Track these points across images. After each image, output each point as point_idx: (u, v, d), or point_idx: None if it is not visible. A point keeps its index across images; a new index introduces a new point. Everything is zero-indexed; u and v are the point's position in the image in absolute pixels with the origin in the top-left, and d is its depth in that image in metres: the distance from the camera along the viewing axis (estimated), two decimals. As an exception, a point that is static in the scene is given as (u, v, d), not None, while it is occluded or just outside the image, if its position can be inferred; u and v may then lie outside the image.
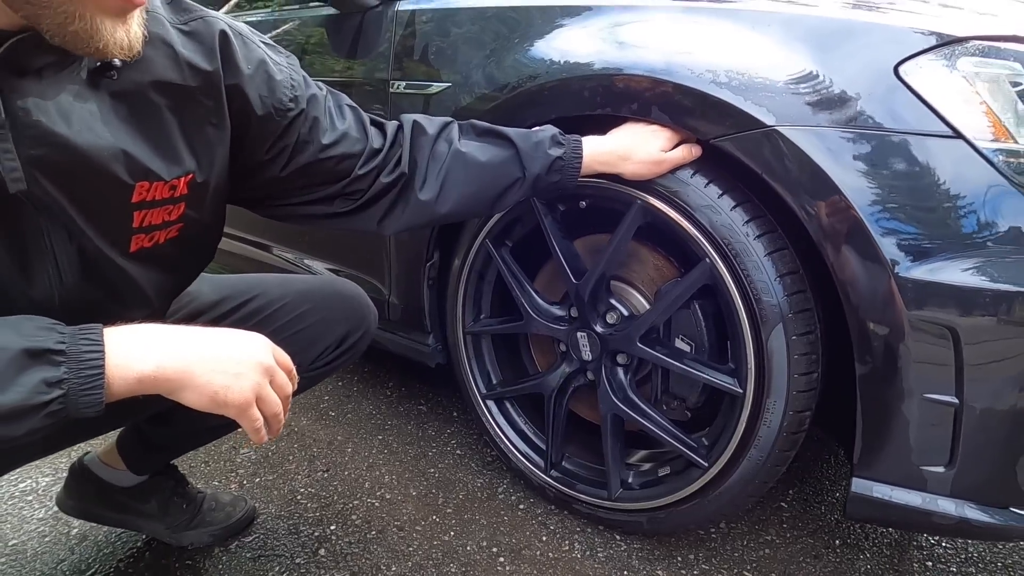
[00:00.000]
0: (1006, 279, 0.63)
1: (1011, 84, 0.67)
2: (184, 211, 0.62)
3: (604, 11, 0.86)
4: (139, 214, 0.58)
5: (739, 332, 0.77)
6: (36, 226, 0.51)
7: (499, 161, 0.77)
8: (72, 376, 0.44)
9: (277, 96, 0.65)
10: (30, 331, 0.44)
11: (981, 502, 0.69)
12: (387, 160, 0.75)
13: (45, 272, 0.54)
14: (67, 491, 0.92)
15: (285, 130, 0.66)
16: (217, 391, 0.50)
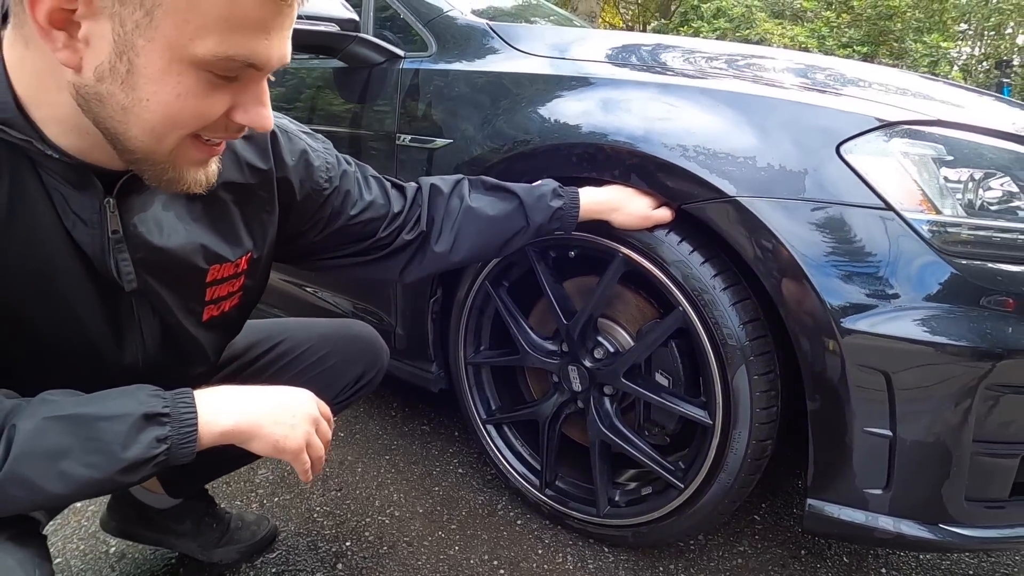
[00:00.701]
0: (929, 332, 0.74)
1: (936, 163, 0.79)
2: (244, 282, 0.74)
3: (591, 85, 0.97)
4: (211, 290, 0.70)
5: (708, 371, 0.88)
6: (130, 307, 0.63)
7: (506, 214, 0.88)
8: (174, 433, 0.54)
9: (315, 179, 0.76)
10: (144, 398, 0.55)
11: (914, 519, 0.80)
12: (407, 220, 0.86)
13: (134, 342, 0.65)
14: (110, 513, 1.02)
15: (321, 206, 0.78)
16: (278, 440, 0.61)
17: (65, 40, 0.45)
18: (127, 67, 0.46)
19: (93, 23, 0.45)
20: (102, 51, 0.46)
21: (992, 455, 0.77)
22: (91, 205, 0.56)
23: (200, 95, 0.49)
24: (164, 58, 0.46)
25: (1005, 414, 0.76)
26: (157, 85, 0.47)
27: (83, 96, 0.48)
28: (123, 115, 0.48)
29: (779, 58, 0.99)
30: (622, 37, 1.14)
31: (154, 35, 0.45)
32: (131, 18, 0.45)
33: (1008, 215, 0.79)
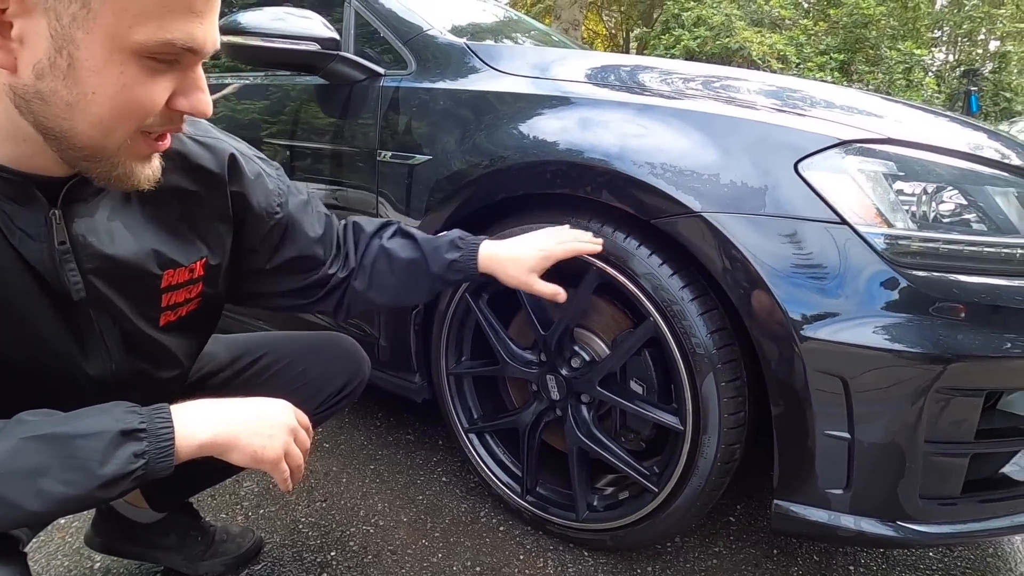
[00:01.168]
0: (883, 339, 0.79)
1: (887, 179, 0.83)
2: (202, 289, 0.76)
3: (567, 104, 1.01)
4: (166, 296, 0.71)
5: (679, 378, 0.92)
6: (88, 318, 0.64)
7: (410, 260, 0.90)
8: (151, 448, 0.56)
9: (269, 202, 0.78)
10: (120, 415, 0.56)
11: (874, 517, 0.84)
12: (338, 257, 0.89)
13: (99, 353, 0.66)
14: (94, 529, 1.03)
15: (271, 229, 0.80)
16: (256, 451, 0.62)
17: (1, 43, 0.45)
18: (68, 61, 0.46)
19: (26, 21, 0.45)
20: (39, 48, 0.45)
21: (944, 455, 0.82)
22: (36, 219, 0.56)
23: (144, 83, 0.49)
24: (105, 48, 0.46)
25: (955, 415, 0.81)
26: (101, 77, 0.47)
27: (22, 97, 0.48)
28: (68, 112, 0.48)
29: (752, 80, 1.04)
30: (599, 58, 1.18)
31: (93, 26, 0.45)
32: (67, 12, 0.45)
33: (960, 227, 0.84)
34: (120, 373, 0.69)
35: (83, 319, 0.64)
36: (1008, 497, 0.87)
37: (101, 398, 0.59)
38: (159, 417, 0.58)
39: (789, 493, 0.88)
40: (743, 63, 8.82)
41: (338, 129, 1.30)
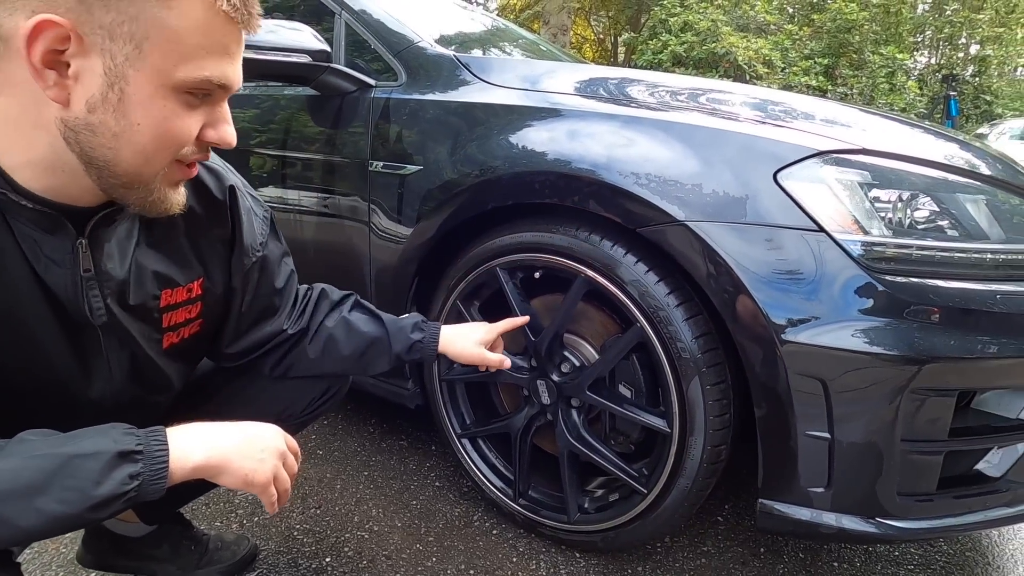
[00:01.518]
0: (860, 341, 0.82)
1: (863, 188, 0.87)
2: (201, 309, 0.78)
3: (556, 116, 1.04)
4: (167, 316, 0.73)
5: (665, 382, 0.94)
6: (97, 342, 0.66)
7: (372, 336, 0.93)
8: (146, 470, 0.57)
9: (255, 237, 0.81)
10: (118, 436, 0.58)
11: (854, 514, 0.87)
12: (293, 313, 0.90)
13: (101, 377, 0.68)
14: (85, 547, 1.03)
15: (251, 267, 0.81)
16: (247, 474, 0.64)
17: (55, 78, 0.50)
18: (118, 96, 0.51)
19: (83, 60, 0.50)
20: (93, 84, 0.50)
21: (920, 452, 0.85)
22: (63, 247, 0.59)
23: (182, 116, 0.55)
24: (152, 84, 0.52)
25: (930, 414, 0.84)
26: (146, 109, 0.53)
27: (72, 129, 0.52)
28: (115, 141, 0.53)
29: (735, 92, 1.07)
30: (587, 71, 1.20)
31: (142, 65, 0.51)
32: (121, 52, 0.50)
33: (933, 234, 0.88)
34: (120, 395, 0.71)
35: (91, 344, 0.66)
36: (981, 493, 0.91)
37: (97, 419, 0.60)
38: (155, 440, 0.59)
39: (773, 492, 0.91)
40: (729, 68, 8.94)
41: (329, 139, 1.31)
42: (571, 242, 1.00)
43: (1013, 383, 0.91)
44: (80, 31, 0.48)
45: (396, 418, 1.62)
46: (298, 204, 1.38)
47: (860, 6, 10.01)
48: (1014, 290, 0.86)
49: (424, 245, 1.17)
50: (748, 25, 9.81)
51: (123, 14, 0.49)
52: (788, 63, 9.37)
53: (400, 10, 1.42)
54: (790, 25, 10.32)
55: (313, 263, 1.38)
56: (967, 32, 13.14)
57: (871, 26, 10.31)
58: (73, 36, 0.48)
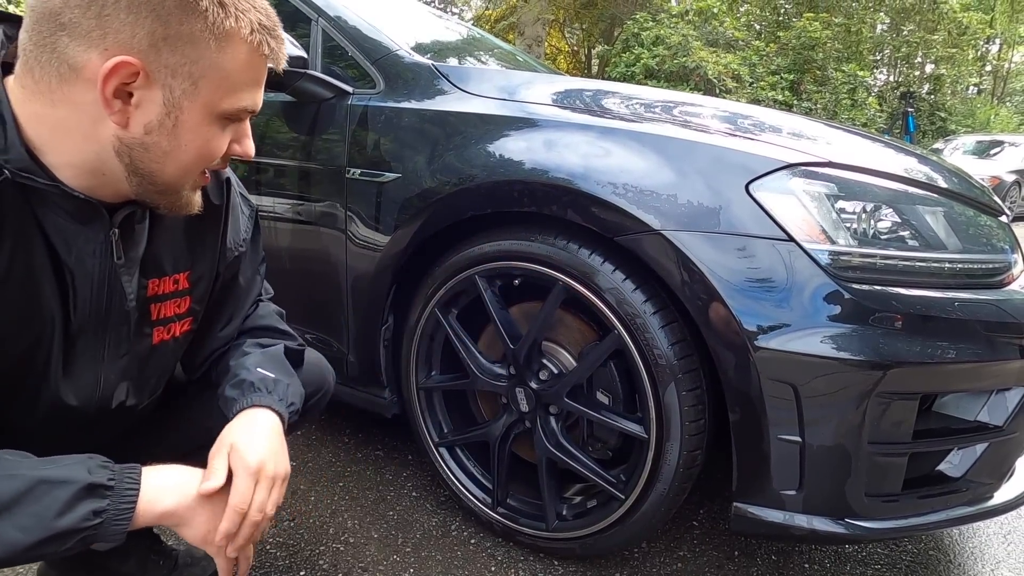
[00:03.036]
0: (829, 347, 0.84)
1: (829, 199, 0.90)
2: (191, 305, 0.77)
3: (534, 126, 1.05)
4: (155, 308, 0.73)
5: (642, 388, 0.96)
6: (95, 345, 0.68)
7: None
8: (112, 508, 0.56)
9: (239, 232, 0.83)
10: (93, 467, 0.57)
11: (824, 515, 0.89)
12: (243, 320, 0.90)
13: (87, 382, 0.69)
14: (48, 562, 0.99)
15: (234, 260, 0.83)
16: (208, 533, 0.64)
17: (120, 106, 0.56)
18: (173, 122, 0.59)
19: (146, 91, 0.57)
20: (151, 112, 0.58)
21: (885, 454, 0.88)
22: (96, 237, 0.63)
23: (219, 136, 0.63)
24: (201, 113, 0.60)
25: (895, 417, 0.87)
26: (194, 134, 0.60)
27: (126, 145, 0.59)
28: (163, 158, 0.60)
29: (707, 105, 1.10)
30: (564, 83, 1.22)
31: (196, 98, 0.59)
32: (179, 87, 0.58)
33: (895, 243, 0.91)
34: (104, 400, 0.71)
35: (89, 347, 0.67)
36: (943, 492, 0.94)
37: (77, 426, 0.59)
38: (129, 478, 0.59)
39: (747, 495, 0.92)
40: (700, 81, 9.16)
41: (305, 146, 1.30)
42: (549, 250, 1.01)
43: (971, 386, 0.95)
44: (148, 69, 0.56)
45: (372, 428, 1.60)
46: (273, 211, 1.36)
47: (823, 25, 10.40)
48: (970, 297, 0.91)
49: (402, 253, 1.17)
50: (717, 40, 10.09)
51: (186, 57, 0.57)
52: (756, 78, 9.66)
53: (377, 18, 1.42)
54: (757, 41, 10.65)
55: (289, 271, 1.36)
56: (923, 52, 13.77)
57: (833, 44, 10.72)
58: (142, 73, 0.55)
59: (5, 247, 0.57)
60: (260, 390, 0.76)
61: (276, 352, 0.83)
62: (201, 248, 0.78)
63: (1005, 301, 0.93)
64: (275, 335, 0.88)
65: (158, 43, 0.55)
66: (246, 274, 0.87)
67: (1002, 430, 0.96)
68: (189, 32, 0.56)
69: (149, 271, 0.71)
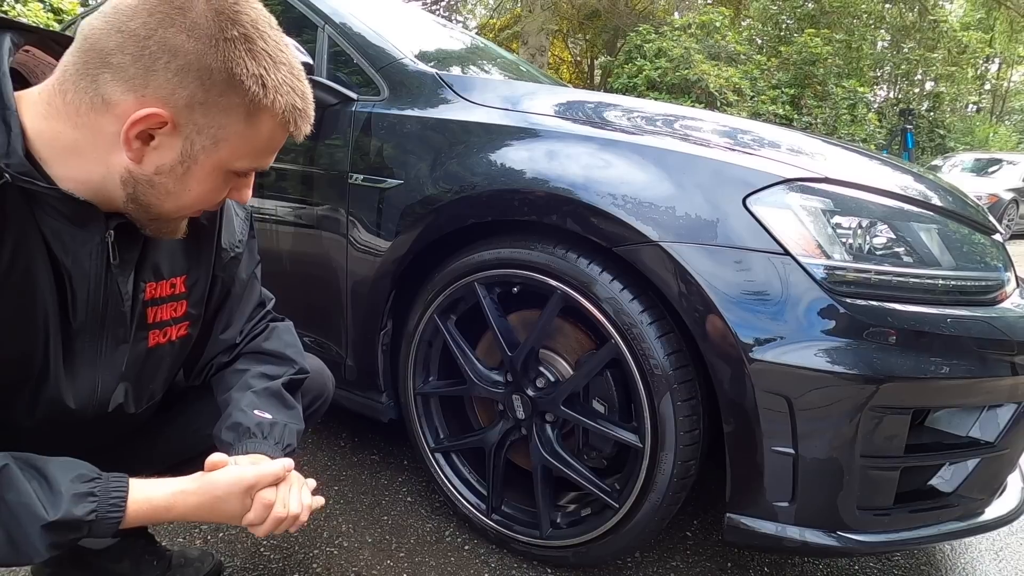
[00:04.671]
0: (823, 361, 0.85)
1: (825, 214, 0.91)
2: (187, 309, 0.78)
3: (536, 136, 1.07)
4: (151, 311, 0.74)
5: (638, 398, 0.97)
6: (94, 344, 0.69)
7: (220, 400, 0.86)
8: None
9: (234, 235, 0.84)
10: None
11: (817, 528, 0.90)
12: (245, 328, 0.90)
13: (87, 384, 0.70)
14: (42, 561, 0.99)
15: (230, 262, 0.85)
16: None
17: (139, 146, 0.58)
18: (184, 170, 0.61)
19: (168, 139, 0.59)
20: (167, 156, 0.60)
21: (878, 468, 0.88)
22: (91, 238, 0.64)
23: (222, 188, 0.66)
24: (212, 167, 0.62)
25: (887, 431, 0.88)
26: (200, 183, 0.63)
27: (134, 179, 0.61)
28: (166, 197, 0.63)
29: (707, 120, 1.11)
30: (567, 94, 1.24)
31: (213, 155, 0.61)
32: (200, 143, 0.60)
33: (890, 259, 0.92)
34: (102, 404, 0.72)
35: (88, 347, 0.68)
36: (935, 507, 0.95)
37: (75, 428, 0.62)
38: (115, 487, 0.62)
39: (740, 506, 0.93)
40: (701, 94, 9.22)
41: (309, 151, 1.32)
42: (548, 259, 1.02)
43: (963, 402, 0.96)
44: (177, 122, 0.58)
45: (368, 432, 1.60)
46: (275, 215, 1.37)
47: (824, 40, 10.49)
48: (963, 314, 0.92)
49: (402, 259, 1.18)
50: (719, 54, 10.17)
51: (215, 122, 0.59)
52: (757, 92, 9.73)
53: (383, 25, 1.44)
54: (759, 56, 10.74)
55: (289, 274, 1.37)
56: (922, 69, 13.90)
57: (834, 60, 10.81)
58: (170, 125, 0.58)
59: (6, 249, 0.58)
60: (256, 436, 0.76)
61: (275, 388, 0.83)
62: (197, 252, 0.79)
63: (997, 319, 0.94)
64: (281, 363, 0.87)
65: (194, 105, 0.57)
66: (242, 276, 0.88)
67: (994, 446, 0.97)
68: (226, 103, 0.58)
69: (146, 274, 0.72)
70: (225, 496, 0.68)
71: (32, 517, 0.57)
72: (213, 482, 0.68)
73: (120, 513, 0.61)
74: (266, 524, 0.70)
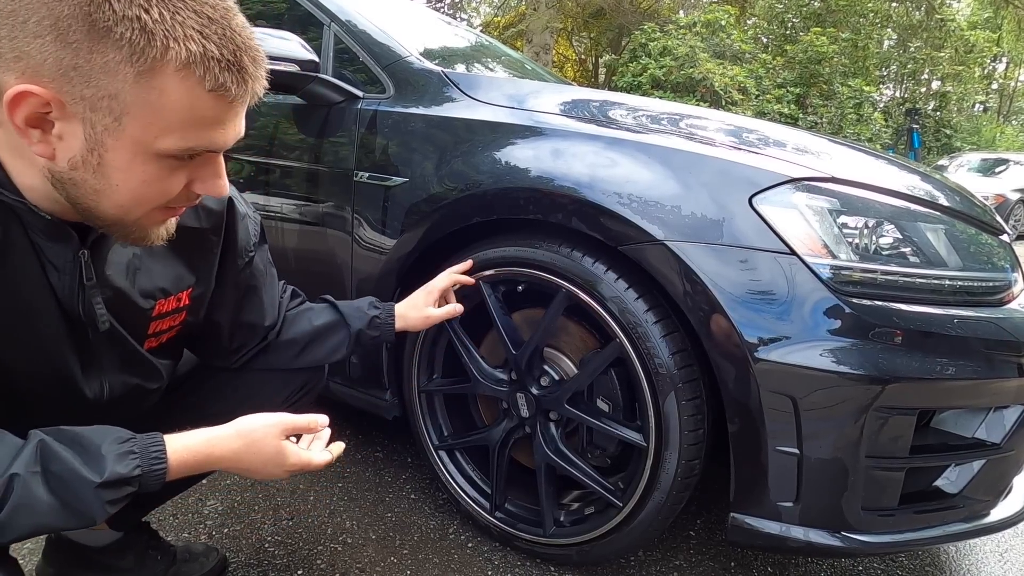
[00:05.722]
0: (828, 361, 0.85)
1: (832, 214, 0.91)
2: (185, 318, 0.80)
3: (541, 135, 1.06)
4: (154, 324, 0.76)
5: (642, 397, 0.96)
6: (93, 341, 0.68)
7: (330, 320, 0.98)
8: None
9: (248, 239, 0.85)
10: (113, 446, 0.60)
11: (821, 528, 0.90)
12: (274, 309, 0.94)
13: (96, 375, 0.71)
14: (46, 560, 0.99)
15: (244, 267, 0.86)
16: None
17: (40, 136, 0.51)
18: (97, 160, 0.53)
19: (65, 123, 0.51)
20: (74, 146, 0.52)
21: (882, 469, 0.88)
22: (65, 255, 0.62)
23: (163, 178, 0.56)
24: (130, 152, 0.53)
25: (892, 432, 0.87)
26: (125, 174, 0.54)
27: (57, 179, 0.54)
28: (95, 196, 0.55)
29: (713, 118, 1.11)
30: (572, 93, 1.24)
31: (121, 135, 0.52)
32: (101, 122, 0.51)
33: (896, 260, 0.92)
34: (112, 389, 0.73)
35: (87, 344, 0.68)
36: (940, 508, 0.95)
37: (92, 413, 0.63)
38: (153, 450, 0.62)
39: (744, 506, 0.93)
40: (706, 93, 9.20)
41: (314, 149, 1.32)
42: (553, 258, 1.02)
43: (969, 403, 0.96)
44: (62, 99, 0.49)
45: (372, 429, 1.61)
46: (280, 212, 1.37)
47: (830, 39, 10.44)
48: (969, 315, 0.91)
49: (407, 257, 1.18)
50: (724, 53, 10.13)
51: (102, 90, 0.49)
52: (762, 91, 9.69)
53: (388, 23, 1.44)
54: (764, 54, 10.70)
55: (294, 272, 1.37)
56: (929, 69, 13.82)
57: (840, 59, 10.76)
58: (54, 103, 0.49)
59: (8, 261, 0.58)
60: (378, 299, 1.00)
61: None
62: (201, 265, 0.79)
63: (1004, 319, 0.94)
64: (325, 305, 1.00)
65: (68, 72, 0.48)
66: (260, 268, 0.89)
67: (1000, 447, 0.96)
68: (102, 62, 0.48)
69: (156, 293, 0.73)
70: (262, 437, 0.69)
71: (83, 482, 0.56)
72: (248, 422, 0.69)
73: (163, 464, 0.61)
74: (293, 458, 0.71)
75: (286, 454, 0.70)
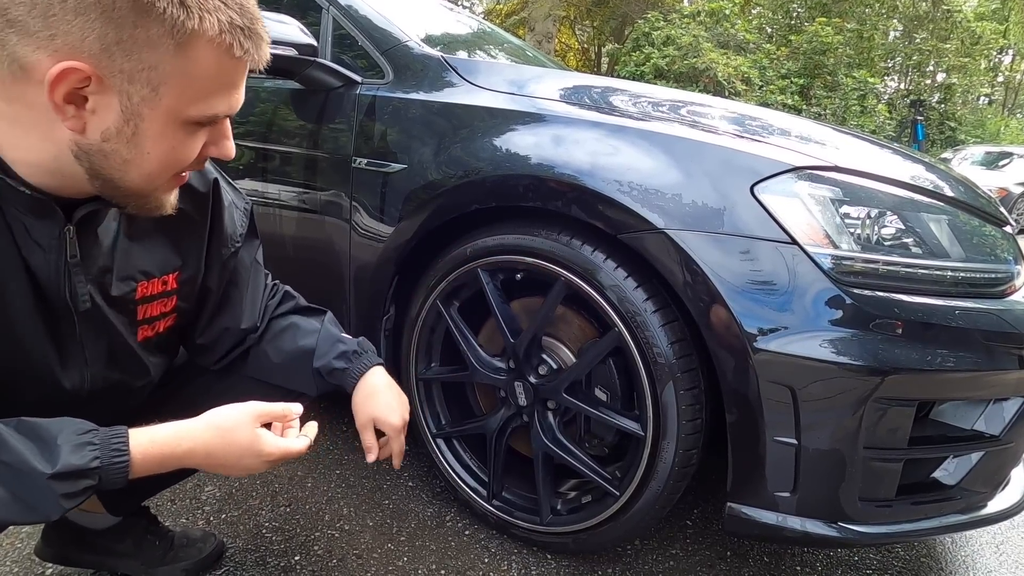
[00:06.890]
0: (828, 352, 0.85)
1: (834, 203, 0.90)
2: (176, 303, 0.78)
3: (541, 121, 1.05)
4: (141, 308, 0.73)
5: (641, 386, 0.96)
6: (74, 330, 0.66)
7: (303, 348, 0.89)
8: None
9: (235, 228, 0.83)
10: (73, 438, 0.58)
11: (818, 519, 0.90)
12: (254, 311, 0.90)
13: (77, 365, 0.68)
14: (45, 540, 1.00)
15: (229, 258, 0.84)
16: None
17: (74, 111, 0.53)
18: (133, 130, 0.55)
19: (101, 97, 0.53)
20: (108, 118, 0.54)
21: (880, 460, 0.88)
22: (50, 232, 0.61)
23: (187, 143, 0.59)
24: (163, 121, 0.56)
25: (891, 424, 0.87)
26: (156, 142, 0.57)
27: (84, 151, 0.55)
28: (124, 166, 0.57)
29: (715, 106, 1.10)
30: (573, 79, 1.22)
31: (157, 105, 0.55)
32: (138, 93, 0.53)
33: (898, 250, 0.91)
34: (94, 383, 0.71)
35: (68, 331, 0.66)
36: (937, 500, 0.95)
37: (70, 408, 0.60)
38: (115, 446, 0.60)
39: (741, 496, 0.93)
40: (709, 83, 9.13)
41: (312, 134, 1.30)
42: (552, 246, 1.01)
43: (968, 395, 0.95)
44: (101, 73, 0.51)
45: (370, 417, 1.60)
46: (277, 199, 1.36)
47: (835, 30, 10.35)
48: (971, 306, 0.91)
49: (405, 244, 1.17)
50: (728, 43, 10.05)
51: (143, 62, 0.52)
52: (765, 81, 9.62)
53: (388, 8, 1.42)
54: (768, 45, 10.61)
55: (292, 259, 1.36)
56: (934, 60, 13.69)
57: (845, 50, 10.66)
58: (94, 78, 0.51)
59: None
60: (364, 351, 0.90)
61: (331, 317, 0.94)
62: (188, 249, 0.78)
63: (1006, 311, 0.93)
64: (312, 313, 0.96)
65: (111, 47, 0.50)
66: (246, 263, 0.87)
67: (998, 439, 0.96)
68: (145, 36, 0.51)
69: (139, 274, 0.71)
70: (235, 426, 0.66)
71: (33, 473, 0.55)
72: (218, 413, 0.67)
73: (125, 457, 0.59)
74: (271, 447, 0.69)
75: (262, 443, 0.68)
